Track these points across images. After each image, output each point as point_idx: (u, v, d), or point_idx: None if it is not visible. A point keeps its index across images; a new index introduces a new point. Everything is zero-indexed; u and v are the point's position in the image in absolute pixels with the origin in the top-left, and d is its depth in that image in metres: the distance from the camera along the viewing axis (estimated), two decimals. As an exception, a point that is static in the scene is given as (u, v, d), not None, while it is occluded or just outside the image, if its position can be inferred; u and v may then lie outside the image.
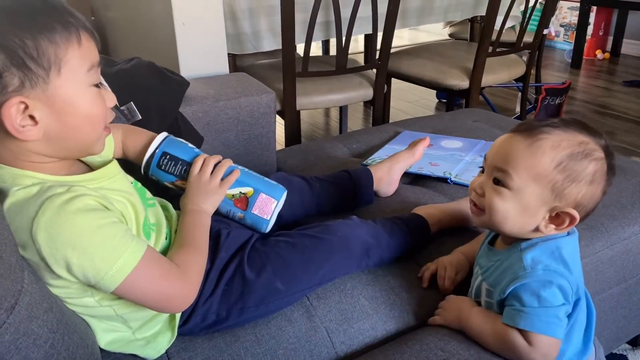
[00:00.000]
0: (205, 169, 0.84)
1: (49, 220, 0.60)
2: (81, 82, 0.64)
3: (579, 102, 3.13)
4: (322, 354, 0.84)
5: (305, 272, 0.86)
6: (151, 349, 0.78)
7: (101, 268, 0.63)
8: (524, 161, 0.72)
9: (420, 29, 4.77)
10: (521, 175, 0.72)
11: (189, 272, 0.72)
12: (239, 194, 0.87)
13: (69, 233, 0.61)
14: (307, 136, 2.72)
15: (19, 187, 0.63)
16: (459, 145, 1.39)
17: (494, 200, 0.74)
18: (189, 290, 0.72)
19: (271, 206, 0.88)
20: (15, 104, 0.60)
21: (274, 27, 1.78)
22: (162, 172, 0.86)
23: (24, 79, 0.59)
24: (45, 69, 0.60)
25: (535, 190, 0.72)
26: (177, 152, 0.86)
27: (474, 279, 0.84)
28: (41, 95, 0.61)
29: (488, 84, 2.12)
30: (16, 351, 0.54)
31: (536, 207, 0.73)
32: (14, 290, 0.55)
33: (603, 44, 4.12)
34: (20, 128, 0.61)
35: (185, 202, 0.84)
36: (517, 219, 0.74)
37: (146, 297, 0.69)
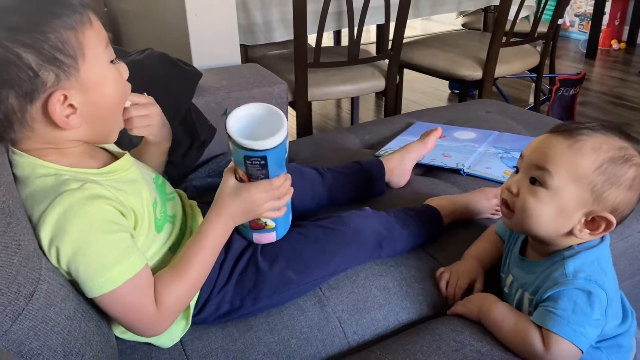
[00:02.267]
0: (272, 194, 0.77)
1: (58, 216, 0.62)
2: (103, 61, 0.67)
3: (594, 93, 3.09)
4: (334, 343, 0.84)
5: (318, 263, 0.86)
6: (165, 337, 0.79)
7: (85, 276, 0.64)
8: (565, 160, 0.71)
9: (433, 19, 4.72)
10: (561, 175, 0.71)
11: (166, 304, 0.70)
12: (264, 222, 0.82)
13: (71, 233, 0.62)
14: (319, 127, 2.72)
15: (37, 176, 0.65)
16: (472, 136, 1.38)
17: (529, 201, 0.73)
18: (159, 322, 0.71)
19: (269, 240, 0.86)
20: (57, 96, 0.62)
21: (286, 17, 1.78)
22: (243, 160, 0.72)
23: (58, 72, 0.61)
24: (73, 57, 0.62)
25: (575, 192, 0.71)
26: (273, 161, 0.73)
27: (511, 291, 0.83)
28: (75, 83, 0.63)
29: (501, 74, 2.09)
30: (35, 338, 0.55)
31: (573, 210, 0.72)
32: (32, 278, 0.56)
33: (619, 33, 4.05)
34: (64, 119, 0.64)
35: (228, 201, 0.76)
36: (551, 221, 0.73)
37: (118, 316, 0.69)
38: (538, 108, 2.37)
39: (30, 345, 0.54)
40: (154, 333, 0.72)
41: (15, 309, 0.53)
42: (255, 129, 0.72)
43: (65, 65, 0.62)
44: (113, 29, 2.12)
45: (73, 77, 0.63)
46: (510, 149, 1.31)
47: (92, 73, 0.65)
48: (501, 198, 0.79)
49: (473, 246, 0.95)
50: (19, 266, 0.54)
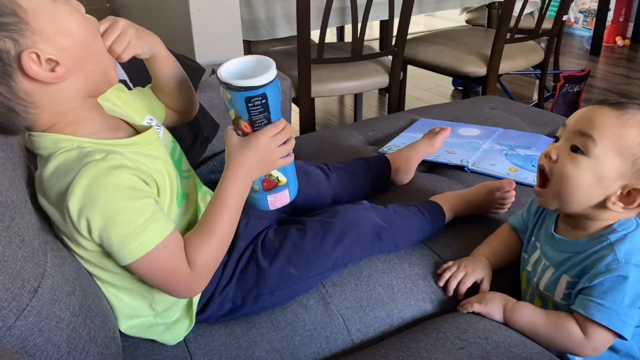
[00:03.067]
0: (278, 138, 0.76)
1: (84, 187, 0.62)
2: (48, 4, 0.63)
3: (598, 89, 3.07)
4: (337, 341, 0.84)
5: (318, 256, 0.86)
6: (170, 335, 0.79)
7: (118, 244, 0.64)
8: (611, 129, 0.71)
9: (437, 15, 4.71)
10: (605, 143, 0.71)
11: (198, 263, 0.71)
12: (276, 177, 0.81)
13: (99, 203, 0.62)
14: (322, 124, 2.71)
15: (61, 151, 0.65)
16: (477, 133, 1.37)
17: (568, 167, 0.73)
18: (194, 281, 0.72)
19: (283, 202, 0.85)
20: (28, 57, 0.60)
21: (289, 13, 1.77)
22: (244, 105, 0.72)
23: (9, 35, 0.59)
24: (12, 14, 0.59)
25: (616, 162, 0.71)
26: (273, 101, 0.74)
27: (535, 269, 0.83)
28: (34, 36, 0.61)
29: (506, 71, 2.08)
30: (39, 333, 0.55)
31: (611, 180, 0.72)
32: (36, 273, 0.56)
33: (623, 30, 4.03)
34: (51, 73, 0.62)
35: (240, 156, 0.75)
36: (587, 190, 0.73)
37: (153, 279, 0.70)
38: (542, 105, 2.36)
39: (35, 341, 0.54)
40: (191, 293, 0.74)
41: (20, 304, 0.53)
42: (247, 73, 0.72)
43: (11, 25, 0.59)
44: (116, 25, 2.12)
45: (28, 31, 0.60)
46: (514, 145, 1.30)
47: (43, 18, 0.62)
48: (539, 165, 0.78)
49: (484, 244, 0.95)
50: (23, 261, 0.54)
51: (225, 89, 0.71)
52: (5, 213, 0.55)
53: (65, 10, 0.65)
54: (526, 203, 1.09)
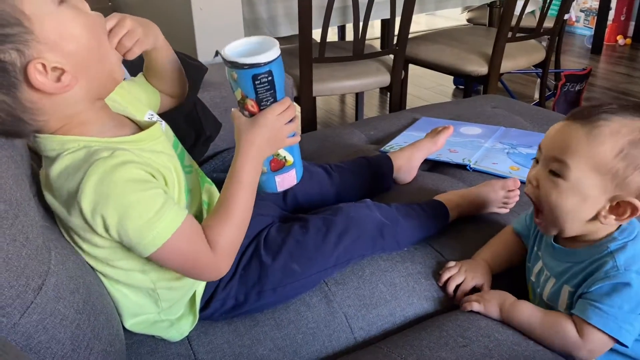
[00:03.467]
0: (285, 116, 0.77)
1: (94, 185, 0.62)
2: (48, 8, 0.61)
3: (600, 88, 3.07)
4: (340, 339, 0.84)
5: (320, 253, 0.86)
6: (174, 331, 0.79)
7: (137, 236, 0.65)
8: (582, 150, 0.70)
9: (438, 15, 4.70)
10: (579, 166, 0.70)
11: (220, 244, 0.71)
12: (283, 157, 0.82)
13: (111, 199, 0.63)
14: (323, 123, 2.71)
15: (68, 152, 0.65)
16: (478, 131, 1.37)
17: (551, 193, 0.73)
18: (219, 263, 0.72)
19: (290, 183, 0.85)
20: (34, 69, 0.59)
21: (291, 12, 1.77)
22: (251, 83, 0.72)
23: (14, 46, 0.58)
24: (16, 24, 0.58)
25: (595, 180, 0.70)
26: (278, 79, 0.74)
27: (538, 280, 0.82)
28: (39, 45, 0.60)
29: (507, 70, 2.08)
30: (43, 331, 0.55)
31: (596, 197, 0.71)
32: (40, 271, 0.56)
33: (624, 29, 4.02)
34: (58, 84, 0.62)
35: (250, 135, 0.75)
36: (577, 212, 0.72)
37: (177, 266, 0.71)
38: (543, 104, 2.36)
39: (39, 339, 0.54)
40: (217, 274, 0.74)
41: (24, 302, 0.53)
42: (252, 52, 0.72)
43: (16, 36, 0.58)
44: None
45: (32, 41, 0.59)
46: (516, 144, 1.30)
47: (47, 25, 0.60)
48: (526, 194, 0.78)
49: (485, 248, 0.94)
50: (27, 259, 0.54)
51: (232, 68, 0.71)
52: (9, 211, 0.55)
53: (69, 14, 0.63)
54: (527, 202, 1.09)
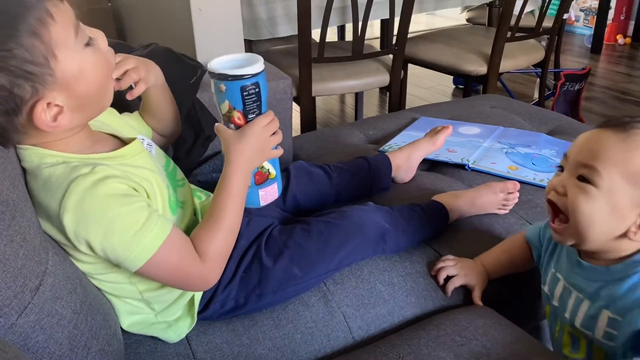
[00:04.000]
0: (270, 128, 0.78)
1: (76, 203, 0.62)
2: (76, 51, 0.63)
3: (599, 88, 3.07)
4: (339, 338, 0.84)
5: (322, 258, 0.86)
6: (172, 332, 0.79)
7: (123, 251, 0.64)
8: (616, 156, 0.64)
9: (437, 14, 4.70)
10: (612, 173, 0.64)
11: (209, 254, 0.71)
12: (267, 170, 0.83)
13: (93, 216, 0.63)
14: (323, 123, 2.71)
15: (45, 166, 0.65)
16: (477, 131, 1.37)
17: (579, 200, 0.66)
18: (208, 273, 0.72)
19: (272, 197, 0.86)
20: (41, 108, 0.61)
21: (290, 12, 1.77)
22: (240, 94, 0.75)
23: (33, 84, 0.59)
24: (44, 64, 0.60)
25: (628, 190, 0.64)
26: (264, 92, 0.77)
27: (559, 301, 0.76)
28: (54, 85, 0.61)
29: (506, 69, 2.08)
30: (41, 331, 0.55)
31: (627, 210, 0.65)
32: (38, 271, 0.56)
33: (624, 28, 4.02)
34: (53, 123, 0.63)
35: (239, 146, 0.76)
36: (604, 222, 0.66)
37: (166, 279, 0.71)
38: (543, 103, 2.35)
39: (37, 339, 0.55)
40: (206, 285, 0.74)
41: (21, 302, 0.53)
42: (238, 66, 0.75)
43: (38, 75, 0.59)
44: (117, 24, 2.12)
45: (50, 81, 0.61)
46: (515, 144, 1.30)
47: (69, 68, 0.62)
48: (547, 199, 0.72)
49: (488, 253, 0.93)
50: (24, 259, 0.54)
51: (220, 80, 0.73)
52: (5, 212, 0.55)
53: (91, 59, 0.65)
54: (526, 201, 1.09)
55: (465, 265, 0.91)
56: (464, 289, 0.91)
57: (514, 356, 0.74)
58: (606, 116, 2.63)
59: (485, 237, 1.01)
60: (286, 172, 1.05)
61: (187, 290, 0.75)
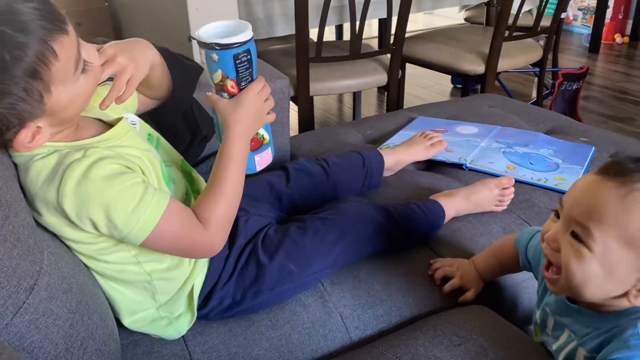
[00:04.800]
0: (263, 94, 0.79)
1: (73, 188, 0.63)
2: (71, 84, 0.64)
3: (597, 87, 3.07)
4: (336, 338, 0.84)
5: (318, 254, 0.87)
6: (173, 329, 0.80)
7: (125, 227, 0.66)
8: (612, 219, 0.57)
9: (435, 13, 4.70)
10: (607, 237, 0.57)
11: (212, 220, 0.72)
12: (261, 135, 0.84)
13: (92, 198, 0.64)
14: (320, 122, 2.71)
15: (37, 158, 0.66)
16: (475, 131, 1.37)
17: (571, 262, 0.60)
18: (213, 239, 0.73)
19: (267, 162, 0.87)
20: (23, 136, 0.63)
21: (287, 12, 1.77)
22: (232, 63, 0.74)
23: (21, 118, 0.61)
24: (38, 101, 0.61)
25: (626, 256, 0.57)
26: (254, 59, 0.77)
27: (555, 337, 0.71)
28: (43, 116, 0.63)
29: (504, 69, 2.08)
30: (36, 331, 0.55)
31: (625, 275, 0.58)
32: (33, 271, 0.56)
33: (622, 27, 4.02)
34: (31, 144, 0.64)
35: (237, 114, 0.76)
36: (599, 285, 0.60)
37: (172, 248, 0.72)
38: (541, 102, 2.36)
39: (32, 339, 0.54)
40: (212, 250, 0.75)
41: (16, 302, 0.53)
42: (227, 34, 0.74)
43: (31, 112, 0.61)
44: (114, 23, 2.12)
45: (39, 113, 0.62)
46: (512, 143, 1.30)
47: (60, 101, 0.64)
48: (542, 248, 0.67)
49: (480, 256, 0.92)
50: (18, 259, 0.54)
51: (211, 50, 0.73)
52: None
53: (82, 87, 0.66)
54: (524, 200, 1.09)
55: (461, 266, 0.91)
56: (461, 289, 0.91)
57: (511, 356, 0.74)
58: (604, 115, 2.65)
59: (483, 237, 1.01)
60: (284, 171, 1.06)
61: (195, 257, 0.77)
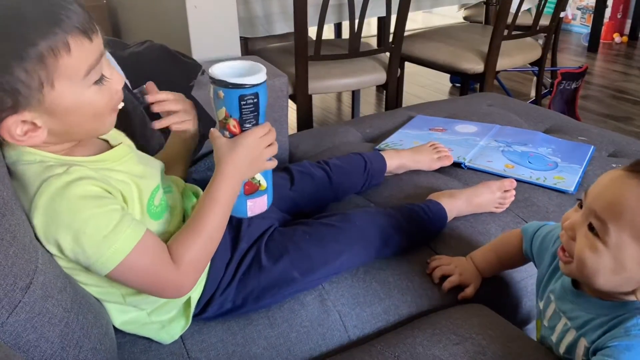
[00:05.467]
0: (266, 140, 0.76)
1: (46, 203, 0.61)
2: (79, 87, 0.63)
3: (596, 86, 3.07)
4: (334, 337, 0.84)
5: (324, 263, 0.86)
6: (165, 333, 0.78)
7: (94, 254, 0.63)
8: (631, 215, 0.59)
9: (434, 12, 4.70)
10: (623, 233, 0.59)
11: (185, 259, 0.68)
12: (258, 181, 0.81)
13: (64, 217, 0.61)
14: (319, 121, 2.71)
15: (22, 163, 0.64)
16: (474, 129, 1.37)
17: (585, 252, 0.63)
18: (181, 280, 0.69)
19: (261, 209, 0.84)
20: (12, 122, 0.60)
21: (286, 10, 1.76)
22: (237, 103, 0.73)
23: (15, 100, 0.59)
24: (36, 88, 0.59)
25: (636, 253, 0.59)
26: (262, 103, 0.75)
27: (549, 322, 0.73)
28: (38, 107, 0.61)
29: (503, 67, 2.08)
30: (32, 330, 0.54)
31: (634, 272, 0.61)
32: (28, 269, 0.55)
33: (621, 27, 4.03)
34: (22, 137, 0.62)
35: (231, 155, 0.74)
36: (610, 278, 0.62)
37: (138, 284, 0.68)
38: (540, 101, 2.36)
39: (27, 338, 0.54)
40: (179, 292, 0.71)
41: (12, 301, 0.53)
42: (239, 74, 0.74)
43: (26, 97, 0.59)
44: (112, 21, 2.11)
45: (34, 105, 0.60)
46: (511, 142, 1.30)
47: (63, 100, 0.62)
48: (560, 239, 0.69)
49: (478, 252, 0.93)
50: (14, 258, 0.54)
51: (219, 87, 0.72)
52: (-4, 209, 0.54)
53: (91, 97, 0.64)
54: (523, 199, 1.09)
55: (459, 264, 0.91)
56: (459, 286, 0.91)
57: (509, 354, 0.74)
58: (602, 115, 2.65)
59: (482, 236, 1.01)
60: (289, 173, 1.05)
61: (160, 297, 0.72)
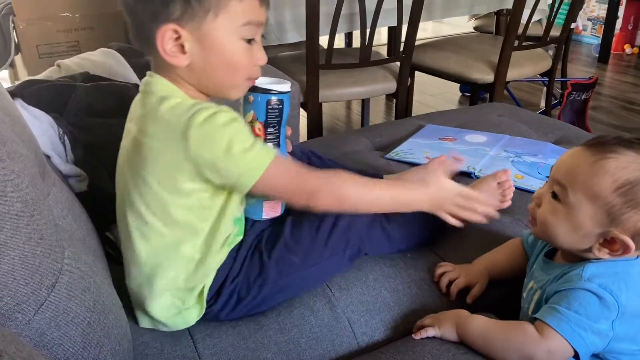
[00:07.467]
0: (468, 205, 0.88)
1: (202, 121, 0.70)
2: (233, 32, 0.74)
3: (606, 97, 3.07)
4: (343, 343, 0.85)
5: (315, 241, 0.86)
6: (181, 319, 0.81)
7: (243, 159, 0.72)
8: (582, 178, 0.70)
9: (444, 22, 4.71)
10: (577, 193, 0.71)
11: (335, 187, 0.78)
12: None
13: (217, 133, 0.71)
14: (329, 129, 2.73)
15: (176, 96, 0.75)
16: (483, 139, 1.38)
17: (546, 215, 0.75)
18: (330, 188, 0.78)
19: (275, 214, 0.91)
20: (170, 30, 0.71)
21: (298, 19, 1.78)
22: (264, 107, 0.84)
23: (184, 12, 0.71)
24: (204, 10, 0.71)
25: (589, 211, 0.70)
26: (286, 111, 0.86)
27: (528, 295, 0.81)
28: (194, 30, 0.72)
29: (513, 78, 2.09)
30: (56, 328, 0.56)
31: (588, 228, 0.71)
32: (54, 269, 0.57)
33: (632, 38, 4.02)
34: (169, 51, 0.73)
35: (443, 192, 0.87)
36: (568, 237, 0.73)
37: (281, 189, 0.78)
38: (549, 112, 2.36)
39: (51, 335, 0.56)
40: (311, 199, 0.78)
41: (38, 299, 0.55)
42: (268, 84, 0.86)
43: (193, 11, 0.70)
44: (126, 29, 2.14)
45: (195, 23, 0.71)
46: (521, 152, 1.31)
47: (216, 34, 0.73)
48: (529, 207, 0.80)
49: (488, 254, 0.94)
50: (41, 257, 0.56)
51: (249, 92, 0.83)
52: (25, 210, 0.56)
53: (236, 47, 0.76)
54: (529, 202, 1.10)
55: (464, 267, 0.92)
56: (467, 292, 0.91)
57: (517, 363, 0.74)
58: (612, 126, 2.64)
59: (490, 243, 1.00)
60: None
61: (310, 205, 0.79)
